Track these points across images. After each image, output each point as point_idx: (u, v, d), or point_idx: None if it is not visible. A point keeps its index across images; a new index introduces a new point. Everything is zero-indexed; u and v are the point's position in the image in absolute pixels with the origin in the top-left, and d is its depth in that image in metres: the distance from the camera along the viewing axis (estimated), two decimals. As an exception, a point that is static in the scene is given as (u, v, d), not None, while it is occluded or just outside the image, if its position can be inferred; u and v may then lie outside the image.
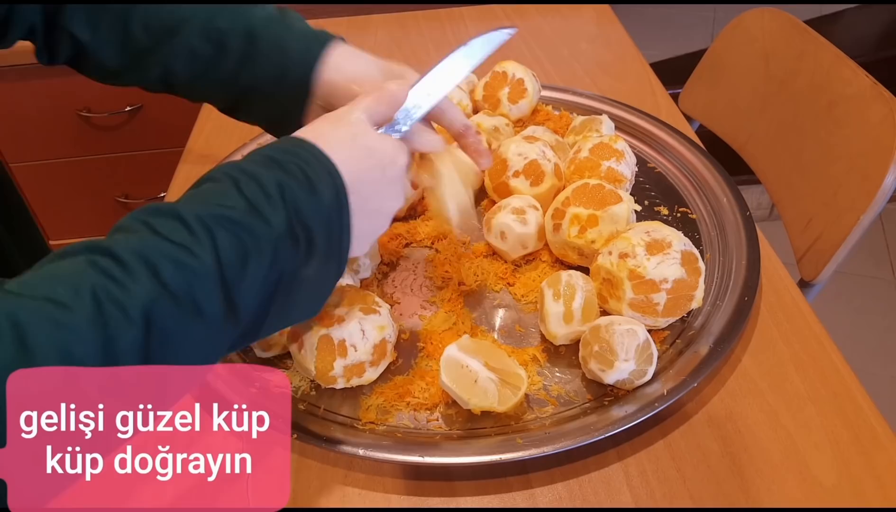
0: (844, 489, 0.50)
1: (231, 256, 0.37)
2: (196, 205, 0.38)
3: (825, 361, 0.59)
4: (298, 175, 0.41)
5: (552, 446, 0.51)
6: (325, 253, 0.43)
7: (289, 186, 0.41)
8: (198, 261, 0.36)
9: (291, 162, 0.42)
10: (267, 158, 0.42)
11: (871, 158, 0.76)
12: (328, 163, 0.43)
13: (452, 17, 1.24)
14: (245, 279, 0.38)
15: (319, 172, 0.42)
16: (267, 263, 0.39)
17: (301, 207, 0.40)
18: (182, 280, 0.35)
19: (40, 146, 1.34)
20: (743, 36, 1.05)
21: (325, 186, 0.42)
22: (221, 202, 0.39)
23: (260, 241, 0.39)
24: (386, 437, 0.53)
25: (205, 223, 0.37)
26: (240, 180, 0.40)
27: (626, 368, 0.54)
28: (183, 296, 0.35)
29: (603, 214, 0.63)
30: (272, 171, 0.41)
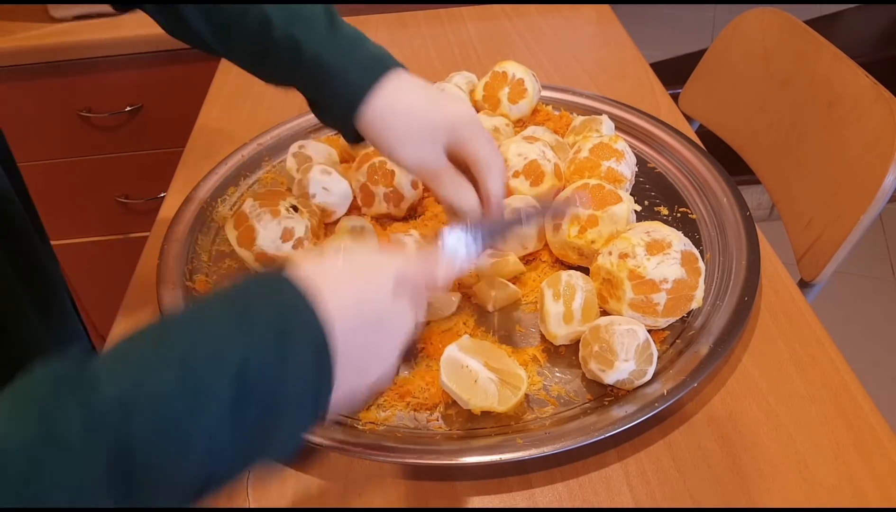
0: (844, 489, 0.50)
1: (144, 443, 0.28)
2: (122, 377, 0.29)
3: (825, 361, 0.59)
4: (269, 342, 0.32)
5: (552, 446, 0.51)
6: (290, 428, 0.34)
7: (256, 363, 0.31)
8: (78, 474, 0.27)
9: (266, 320, 0.33)
10: (239, 313, 0.33)
11: (871, 158, 0.76)
12: (320, 336, 0.34)
13: (452, 17, 1.24)
14: (166, 474, 0.29)
15: (302, 349, 0.33)
16: (199, 454, 0.30)
17: (266, 381, 0.32)
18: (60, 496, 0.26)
19: (40, 146, 1.34)
20: (743, 36, 1.05)
21: (304, 355, 0.33)
22: (151, 377, 0.30)
23: (188, 433, 0.30)
24: (386, 437, 0.53)
25: (123, 407, 0.28)
26: (188, 352, 0.31)
27: (626, 368, 0.54)
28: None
29: (603, 215, 0.63)
30: (238, 336, 0.32)
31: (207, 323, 0.33)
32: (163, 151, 1.38)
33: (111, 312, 0.69)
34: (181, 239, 0.72)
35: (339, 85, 0.51)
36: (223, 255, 0.73)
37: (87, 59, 1.21)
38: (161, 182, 1.41)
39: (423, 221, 0.74)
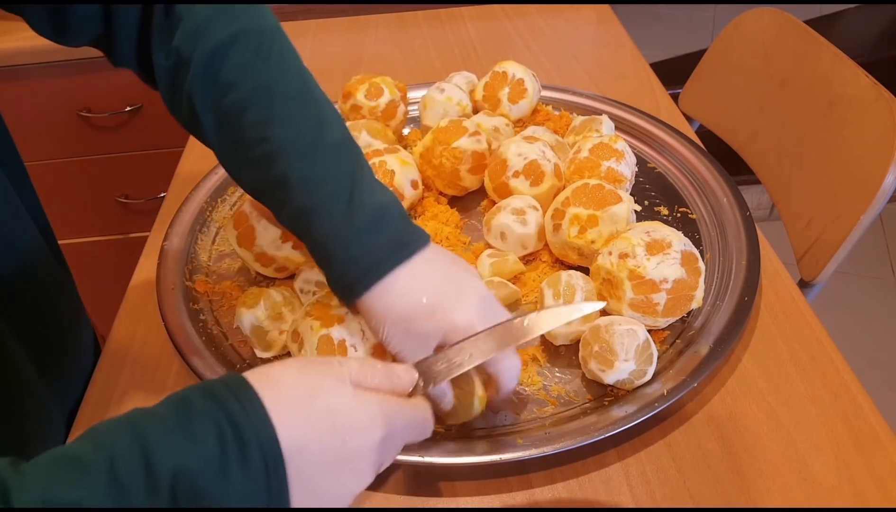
0: (844, 489, 0.50)
1: None
2: (43, 479, 0.29)
3: (825, 361, 0.59)
4: (210, 446, 0.31)
5: (552, 446, 0.51)
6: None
7: (187, 471, 0.30)
8: None
9: (209, 423, 0.31)
10: (179, 413, 0.32)
11: (871, 158, 0.76)
12: (263, 430, 0.32)
13: (452, 17, 1.24)
14: None
15: (247, 441, 0.31)
16: None
17: (202, 488, 0.30)
18: None
19: (41, 146, 1.34)
20: (743, 36, 1.05)
21: (251, 464, 0.31)
22: (78, 483, 0.29)
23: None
24: (386, 437, 0.53)
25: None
26: (115, 458, 0.30)
27: (626, 368, 0.54)
28: None
29: (603, 215, 0.63)
30: (173, 437, 0.31)
31: (143, 430, 0.31)
32: (163, 151, 1.38)
33: (111, 312, 0.69)
34: (181, 239, 0.72)
35: (342, 269, 0.47)
36: (223, 255, 0.73)
37: (87, 59, 1.21)
38: (161, 182, 1.41)
39: (423, 221, 0.74)
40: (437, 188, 0.78)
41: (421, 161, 0.76)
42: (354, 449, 0.36)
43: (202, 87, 0.48)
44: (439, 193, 0.78)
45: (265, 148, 0.47)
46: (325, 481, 0.35)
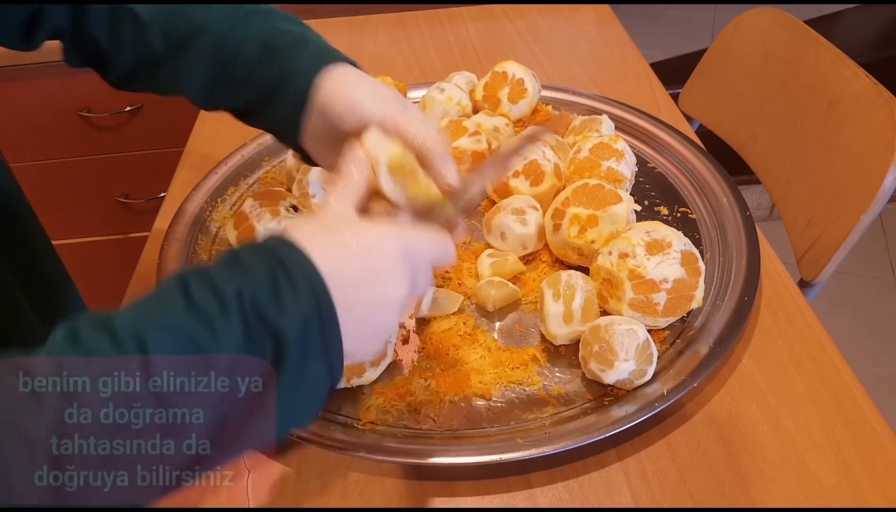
0: (844, 489, 0.50)
1: (167, 370, 0.33)
2: (134, 312, 0.34)
3: (825, 361, 0.59)
4: (263, 275, 0.36)
5: (552, 446, 0.51)
6: (299, 362, 0.37)
7: (249, 290, 0.35)
8: (119, 381, 0.32)
9: (259, 260, 0.37)
10: (230, 258, 0.37)
11: (872, 158, 0.76)
12: (302, 259, 0.37)
13: (452, 17, 1.24)
14: (191, 397, 0.33)
15: (292, 271, 0.37)
16: (218, 377, 0.34)
17: (265, 313, 0.35)
18: (99, 402, 0.31)
19: (40, 146, 1.34)
20: (743, 36, 1.05)
21: (299, 287, 0.36)
22: (163, 308, 0.34)
23: (207, 355, 0.34)
24: (386, 437, 0.53)
25: (137, 333, 0.33)
26: (190, 285, 0.35)
27: (626, 368, 0.54)
28: (101, 418, 0.31)
29: (603, 214, 0.63)
30: (232, 274, 0.36)
31: (207, 272, 0.36)
32: (163, 151, 1.38)
33: (111, 312, 0.69)
34: (181, 239, 0.72)
35: (298, 62, 0.51)
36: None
37: (87, 59, 1.21)
38: (161, 182, 1.41)
39: (423, 221, 0.74)
40: (437, 188, 0.78)
41: (421, 161, 0.76)
42: (380, 264, 0.40)
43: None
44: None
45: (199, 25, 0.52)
46: (364, 294, 0.39)
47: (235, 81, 0.53)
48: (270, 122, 0.55)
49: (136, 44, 0.53)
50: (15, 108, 1.27)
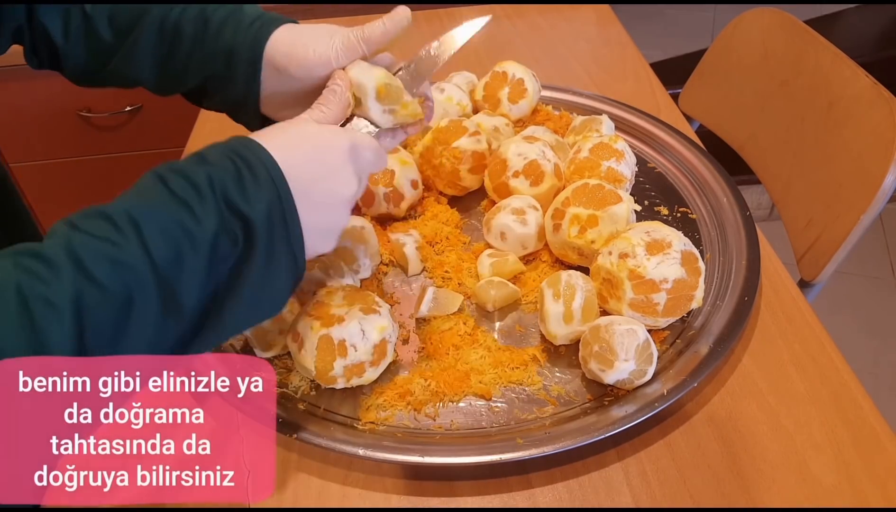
0: (844, 489, 0.50)
1: (162, 248, 0.37)
2: (122, 203, 0.38)
3: (825, 361, 0.59)
4: (227, 167, 0.40)
5: (552, 446, 0.51)
6: (267, 247, 0.41)
7: (217, 178, 0.39)
8: (123, 253, 0.36)
9: (221, 155, 0.41)
10: (197, 156, 0.41)
11: (871, 158, 0.76)
12: (260, 151, 0.42)
13: (452, 17, 1.24)
14: (182, 273, 0.37)
15: (252, 163, 0.41)
16: (204, 254, 0.38)
17: (233, 199, 0.39)
18: (109, 271, 0.35)
19: (40, 146, 1.34)
20: (743, 36, 1.05)
21: (260, 177, 0.41)
22: (148, 197, 0.38)
23: (192, 234, 0.38)
24: (386, 437, 0.53)
25: (131, 217, 0.37)
26: (166, 176, 0.39)
27: (626, 368, 0.54)
28: (111, 287, 0.35)
29: (603, 214, 0.63)
30: (201, 166, 0.40)
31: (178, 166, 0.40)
32: (163, 151, 1.38)
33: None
34: (181, 239, 0.72)
35: (247, 29, 0.52)
36: (223, 255, 0.72)
37: (87, 59, 1.21)
38: (161, 182, 1.40)
39: (423, 221, 0.74)
40: (437, 188, 0.78)
41: (421, 161, 0.76)
42: (333, 161, 0.45)
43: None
44: (439, 193, 0.78)
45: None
46: (319, 188, 0.44)
47: (181, 60, 0.54)
48: (227, 98, 0.56)
49: (86, 38, 0.54)
50: (15, 108, 1.27)
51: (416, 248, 0.68)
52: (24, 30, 0.55)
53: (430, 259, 0.70)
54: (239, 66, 0.53)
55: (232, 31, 0.53)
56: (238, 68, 0.53)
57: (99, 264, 0.35)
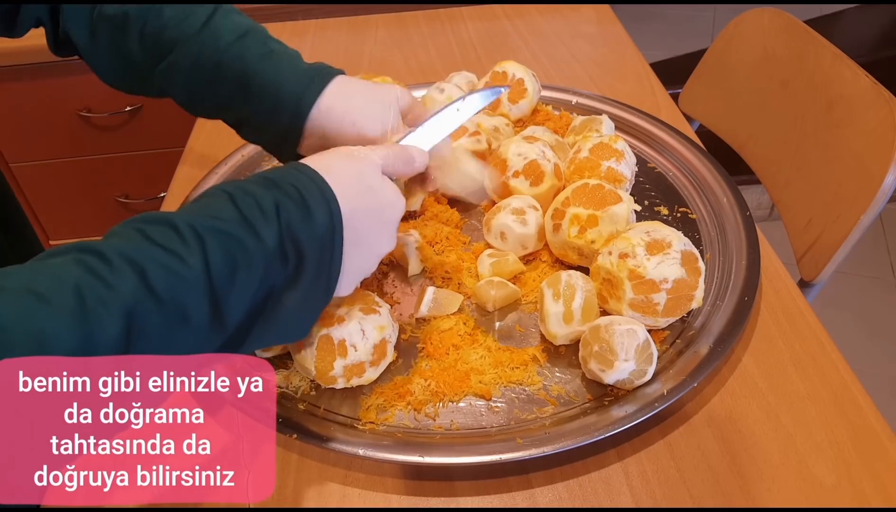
0: (845, 489, 0.50)
1: (221, 265, 0.38)
2: (190, 215, 0.39)
3: (825, 361, 0.59)
4: (294, 195, 0.42)
5: (552, 446, 0.51)
6: (313, 276, 0.43)
7: (284, 205, 0.41)
8: (186, 267, 0.37)
9: (289, 184, 0.43)
10: (266, 179, 0.43)
11: (872, 158, 0.76)
12: (327, 190, 0.44)
13: (452, 17, 1.24)
14: (233, 290, 0.39)
15: (316, 197, 0.43)
16: (257, 276, 0.40)
17: (294, 227, 0.41)
18: (168, 285, 0.36)
19: (40, 146, 1.34)
20: (743, 36, 1.05)
21: (320, 211, 0.43)
22: (215, 214, 0.40)
23: (251, 255, 0.39)
24: (386, 437, 0.53)
25: (197, 232, 0.38)
26: (235, 195, 0.41)
27: (626, 368, 0.54)
28: (168, 300, 0.36)
29: (603, 215, 0.63)
30: (269, 191, 0.42)
31: (247, 186, 0.42)
32: (163, 151, 1.38)
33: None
34: (181, 239, 0.72)
35: (290, 87, 0.53)
36: (223, 255, 0.72)
37: (87, 59, 1.21)
38: (161, 182, 1.41)
39: (423, 221, 0.74)
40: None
41: (421, 161, 0.76)
42: (389, 218, 0.49)
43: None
44: (440, 193, 0.78)
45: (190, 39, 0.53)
46: (367, 241, 0.47)
47: (218, 100, 0.55)
48: (264, 137, 0.57)
49: (113, 47, 0.54)
50: (15, 108, 1.27)
51: (416, 248, 0.68)
52: (46, 23, 0.55)
53: (430, 259, 0.69)
54: (280, 126, 0.54)
55: (274, 94, 0.53)
56: (279, 127, 0.54)
57: (160, 277, 0.36)
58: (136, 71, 0.55)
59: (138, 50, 0.53)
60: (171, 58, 0.53)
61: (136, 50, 0.53)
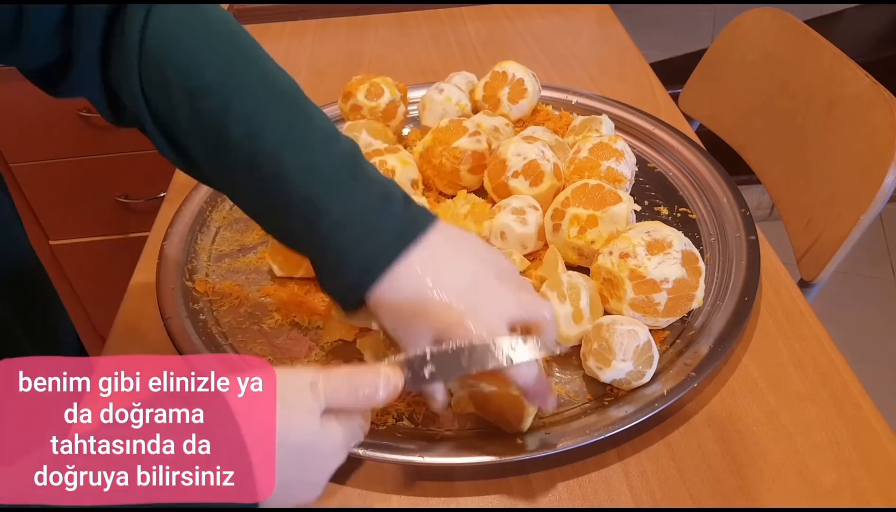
0: (844, 489, 0.50)
1: None
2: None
3: (825, 361, 0.59)
4: None
5: (552, 447, 0.51)
6: None
7: None
8: None
9: None
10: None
11: (872, 158, 0.76)
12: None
13: (453, 17, 1.24)
14: None
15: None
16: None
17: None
18: None
19: (40, 146, 1.34)
20: (743, 36, 1.05)
21: None
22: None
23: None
24: (386, 437, 0.53)
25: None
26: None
27: (623, 368, 0.54)
28: None
29: (603, 215, 0.63)
30: None
31: None
32: (163, 151, 1.38)
33: (111, 312, 0.69)
34: (181, 239, 0.72)
35: (355, 256, 0.46)
36: (223, 255, 0.73)
37: (87, 58, 1.20)
38: (161, 182, 1.40)
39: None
40: (437, 188, 0.78)
41: (421, 161, 0.76)
42: (315, 473, 0.39)
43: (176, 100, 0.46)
44: (439, 193, 0.78)
45: (254, 146, 0.46)
46: (283, 495, 0.38)
47: (283, 231, 0.49)
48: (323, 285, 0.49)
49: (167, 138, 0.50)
50: (15, 108, 1.27)
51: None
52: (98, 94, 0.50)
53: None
54: (343, 282, 0.46)
55: (350, 250, 0.45)
56: (342, 282, 0.47)
57: None
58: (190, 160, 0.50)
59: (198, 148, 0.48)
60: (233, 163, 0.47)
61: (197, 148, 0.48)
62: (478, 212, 0.67)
